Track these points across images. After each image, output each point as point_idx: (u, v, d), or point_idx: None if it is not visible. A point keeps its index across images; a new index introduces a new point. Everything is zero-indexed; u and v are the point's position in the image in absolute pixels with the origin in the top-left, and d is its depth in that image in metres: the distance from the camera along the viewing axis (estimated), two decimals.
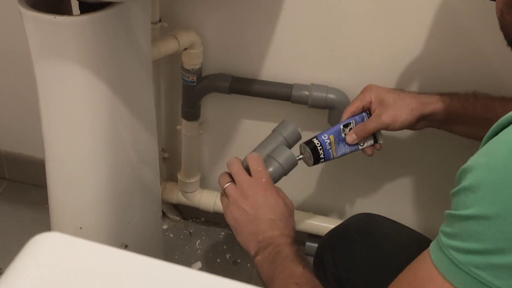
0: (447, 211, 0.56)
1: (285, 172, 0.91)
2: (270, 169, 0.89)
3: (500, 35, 0.67)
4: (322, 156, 0.98)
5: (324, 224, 1.32)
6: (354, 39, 1.10)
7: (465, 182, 0.53)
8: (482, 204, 0.50)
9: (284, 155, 0.91)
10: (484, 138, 0.55)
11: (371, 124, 0.98)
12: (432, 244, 0.57)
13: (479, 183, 0.51)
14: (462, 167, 0.54)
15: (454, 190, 0.54)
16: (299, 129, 0.96)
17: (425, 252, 0.58)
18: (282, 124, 0.97)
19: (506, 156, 0.49)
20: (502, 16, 0.66)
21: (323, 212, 1.38)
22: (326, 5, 1.07)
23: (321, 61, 1.15)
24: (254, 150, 0.94)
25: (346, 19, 1.08)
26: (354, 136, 0.98)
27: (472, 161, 0.53)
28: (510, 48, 0.66)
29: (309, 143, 0.98)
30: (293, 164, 0.92)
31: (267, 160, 0.91)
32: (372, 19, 1.07)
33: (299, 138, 0.97)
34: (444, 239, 0.55)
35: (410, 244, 0.78)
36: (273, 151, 0.92)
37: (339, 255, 0.94)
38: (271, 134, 0.97)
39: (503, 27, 0.66)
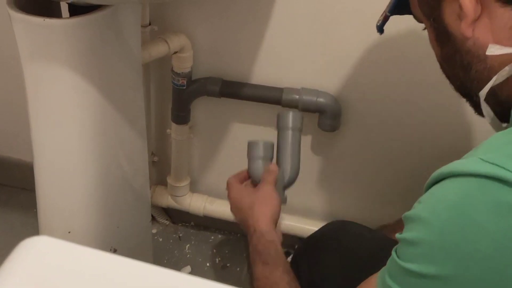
0: (393, 253, 0.56)
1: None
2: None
3: None
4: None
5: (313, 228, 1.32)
6: (344, 43, 1.11)
7: (407, 234, 0.54)
8: (420, 262, 0.51)
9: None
10: (426, 185, 0.55)
11: None
12: (380, 273, 0.57)
13: (418, 240, 0.52)
14: (407, 214, 0.55)
15: (399, 235, 0.55)
16: (299, 114, 1.01)
17: (374, 276, 0.59)
18: (282, 117, 1.00)
19: (444, 218, 0.50)
20: (443, 70, 0.68)
21: (313, 215, 1.38)
22: (316, 10, 1.08)
23: (311, 65, 1.15)
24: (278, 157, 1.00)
25: (336, 23, 1.09)
26: None
27: (416, 210, 0.54)
28: (459, 94, 0.67)
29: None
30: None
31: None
32: (363, 23, 1.07)
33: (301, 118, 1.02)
34: (387, 279, 0.55)
35: (382, 251, 0.78)
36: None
37: (314, 263, 0.93)
38: (280, 133, 1.00)
39: (447, 78, 0.68)
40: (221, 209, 1.40)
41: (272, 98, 1.17)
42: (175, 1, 1.15)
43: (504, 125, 0.60)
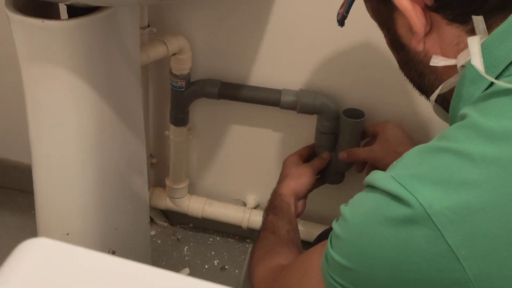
0: (329, 237, 0.61)
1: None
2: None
3: None
4: None
5: (314, 231, 1.32)
6: (343, 44, 1.11)
7: (336, 226, 0.59)
8: (339, 253, 0.58)
9: None
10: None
11: (363, 153, 1.10)
12: (328, 241, 0.61)
13: (340, 235, 0.58)
14: (342, 206, 0.60)
15: (334, 222, 0.60)
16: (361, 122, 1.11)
17: (323, 243, 0.63)
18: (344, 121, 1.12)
19: (358, 222, 0.57)
20: (403, 73, 0.70)
21: (313, 219, 1.38)
22: (314, 12, 1.08)
23: (309, 66, 1.15)
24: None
25: (334, 25, 1.09)
26: (345, 155, 1.11)
27: (345, 208, 0.59)
28: (423, 96, 0.69)
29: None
30: None
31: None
32: (361, 25, 1.07)
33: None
34: (323, 260, 0.61)
35: None
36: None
37: None
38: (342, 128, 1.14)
39: (409, 81, 0.70)
40: (219, 211, 1.40)
41: (270, 100, 1.17)
42: (174, 3, 1.15)
43: None
